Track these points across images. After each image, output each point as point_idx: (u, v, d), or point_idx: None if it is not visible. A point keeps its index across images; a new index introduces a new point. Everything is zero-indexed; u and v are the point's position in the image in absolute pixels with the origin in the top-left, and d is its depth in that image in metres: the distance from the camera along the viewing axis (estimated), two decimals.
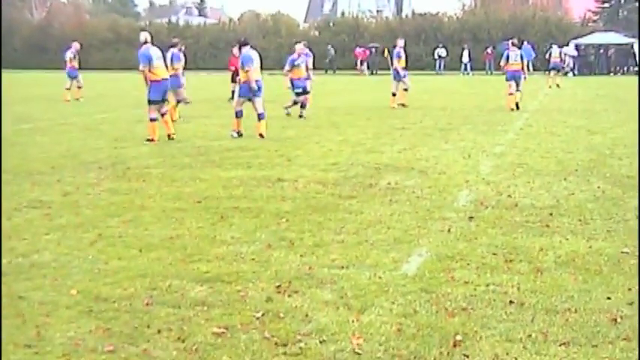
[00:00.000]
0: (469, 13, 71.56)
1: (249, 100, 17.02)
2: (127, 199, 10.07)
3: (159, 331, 5.29)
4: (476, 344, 5.04)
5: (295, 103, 21.78)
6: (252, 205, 9.54)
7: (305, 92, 21.70)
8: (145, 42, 16.59)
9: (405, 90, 25.85)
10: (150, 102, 16.39)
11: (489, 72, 57.41)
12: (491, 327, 5.35)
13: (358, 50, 61.19)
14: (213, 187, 10.82)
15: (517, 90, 24.18)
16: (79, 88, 30.15)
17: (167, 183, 11.24)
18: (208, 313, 5.67)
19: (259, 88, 17.07)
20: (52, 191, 10.63)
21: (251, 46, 17.42)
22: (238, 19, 78.89)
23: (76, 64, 30.44)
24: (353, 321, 5.48)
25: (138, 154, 14.35)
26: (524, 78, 24.53)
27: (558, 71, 39.81)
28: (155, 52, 16.54)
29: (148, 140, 16.13)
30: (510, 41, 25.51)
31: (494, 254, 7.24)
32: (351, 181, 11.20)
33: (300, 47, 22.16)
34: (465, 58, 58.47)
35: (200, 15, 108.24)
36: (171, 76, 21.07)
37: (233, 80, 30.25)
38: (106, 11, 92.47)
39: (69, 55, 30.42)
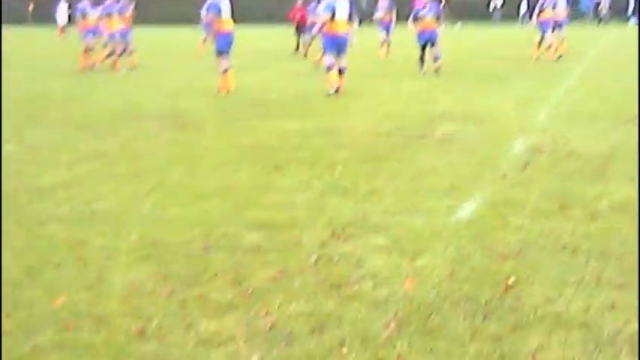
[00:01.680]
0: None
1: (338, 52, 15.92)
2: (184, 149, 10.22)
3: (215, 275, 5.39)
4: (528, 288, 5.06)
5: (422, 60, 20.25)
6: (306, 155, 9.59)
7: (427, 44, 20.12)
8: None
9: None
10: (219, 53, 16.50)
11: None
12: (544, 271, 5.36)
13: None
14: (268, 138, 10.90)
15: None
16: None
17: (224, 134, 11.36)
18: (263, 258, 5.76)
19: (342, 43, 15.92)
20: (111, 142, 10.81)
21: None
22: None
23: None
24: (406, 266, 5.54)
25: (196, 107, 14.48)
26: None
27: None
28: (225, 5, 16.52)
29: (225, 92, 16.25)
30: None
31: (548, 200, 7.22)
32: (406, 131, 11.20)
33: None
34: (524, 8, 57.33)
35: None
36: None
37: (298, 32, 30.02)
38: None
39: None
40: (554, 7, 23.80)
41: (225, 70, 16.43)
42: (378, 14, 27.81)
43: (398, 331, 4.44)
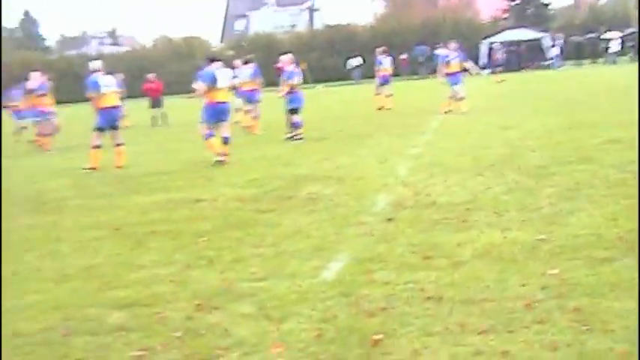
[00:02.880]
0: (381, 22, 71.93)
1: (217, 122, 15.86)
2: (43, 232, 9.90)
3: None
4: (395, 342, 5.06)
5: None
6: (170, 228, 9.44)
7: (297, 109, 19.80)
8: (96, 70, 16.55)
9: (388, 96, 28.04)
10: (99, 129, 16.46)
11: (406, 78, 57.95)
12: (410, 323, 5.38)
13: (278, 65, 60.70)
14: (131, 214, 10.70)
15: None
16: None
17: (84, 213, 11.08)
18: (127, 338, 5.59)
19: (224, 111, 15.98)
20: None
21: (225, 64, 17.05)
22: (152, 46, 78.19)
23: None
24: (273, 331, 5.46)
25: (54, 187, 14.13)
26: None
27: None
28: (103, 80, 16.42)
29: (91, 169, 15.94)
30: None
31: (412, 253, 7.29)
32: (270, 195, 11.19)
33: (285, 59, 20.60)
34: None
35: (113, 44, 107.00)
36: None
37: (153, 106, 30.20)
38: (15, 48, 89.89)
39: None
40: (448, 63, 24.30)
41: (97, 147, 16.17)
42: (239, 81, 26.77)
43: None
